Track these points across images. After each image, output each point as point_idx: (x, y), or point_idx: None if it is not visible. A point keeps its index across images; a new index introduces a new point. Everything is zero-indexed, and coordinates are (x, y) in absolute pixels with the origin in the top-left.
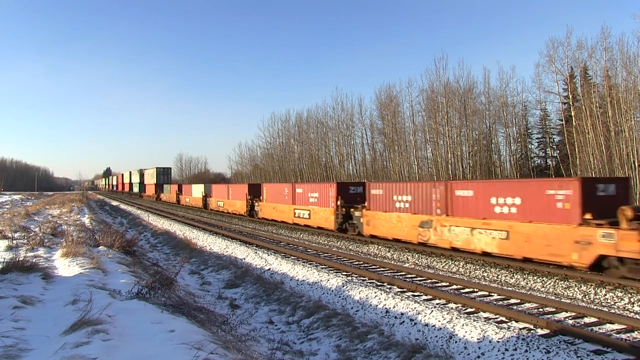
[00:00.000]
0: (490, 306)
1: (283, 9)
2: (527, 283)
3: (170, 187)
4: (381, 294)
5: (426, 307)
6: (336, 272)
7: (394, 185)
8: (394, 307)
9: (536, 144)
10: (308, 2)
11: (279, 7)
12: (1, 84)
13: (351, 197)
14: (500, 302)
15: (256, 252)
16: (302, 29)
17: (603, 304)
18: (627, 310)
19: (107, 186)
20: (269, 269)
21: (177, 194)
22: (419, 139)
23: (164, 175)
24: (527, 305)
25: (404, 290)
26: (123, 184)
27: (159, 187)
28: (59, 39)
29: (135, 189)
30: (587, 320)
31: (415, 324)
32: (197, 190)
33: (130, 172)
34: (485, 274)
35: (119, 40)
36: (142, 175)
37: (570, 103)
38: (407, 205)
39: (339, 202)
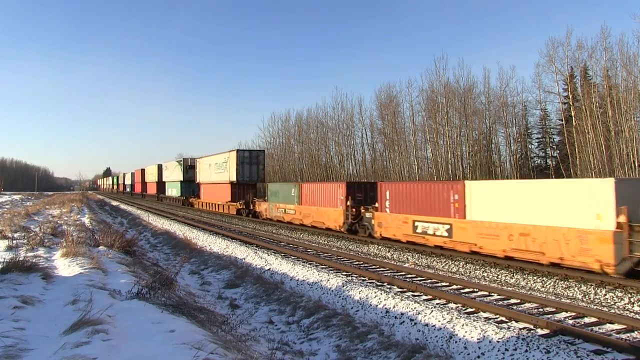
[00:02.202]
0: (490, 306)
1: (283, 10)
2: (527, 283)
3: (318, 188)
4: (381, 294)
5: (426, 307)
6: (336, 272)
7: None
8: (394, 307)
9: (536, 144)
10: (308, 2)
11: (279, 7)
12: (3, 83)
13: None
14: (500, 302)
15: (256, 252)
16: (303, 29)
17: (603, 304)
18: (627, 310)
19: (114, 187)
20: (269, 269)
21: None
22: (419, 139)
23: (250, 164)
24: (527, 305)
25: (404, 290)
26: (144, 183)
27: (244, 188)
28: (63, 39)
29: (173, 192)
30: (587, 320)
31: (415, 324)
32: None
33: (159, 166)
34: (485, 274)
35: (122, 41)
36: (187, 168)
37: (570, 103)
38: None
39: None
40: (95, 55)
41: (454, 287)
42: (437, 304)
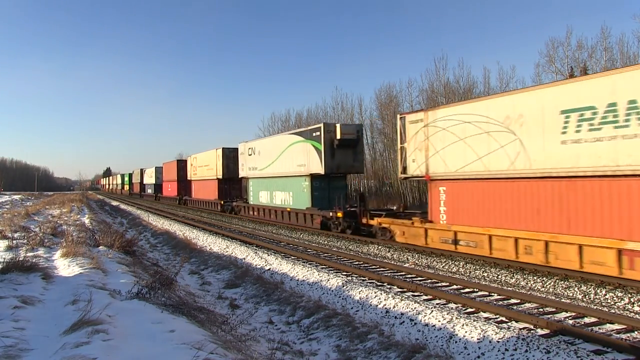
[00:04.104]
0: (490, 306)
1: (283, 9)
2: (527, 283)
3: None
4: (381, 294)
5: (426, 307)
6: (336, 272)
7: None
8: (394, 307)
9: None
10: (308, 2)
11: (279, 6)
12: (3, 83)
13: None
14: (500, 302)
15: (256, 252)
16: (303, 29)
17: (603, 304)
18: (627, 310)
19: (124, 187)
20: (269, 269)
21: None
22: None
23: None
24: (527, 305)
25: (404, 290)
26: (183, 182)
27: None
28: (63, 39)
29: (282, 199)
30: (587, 320)
31: (415, 324)
32: None
33: (227, 152)
34: (485, 274)
35: (122, 42)
36: (335, 144)
37: None
38: None
39: None
40: (95, 56)
41: (454, 287)
42: (437, 304)
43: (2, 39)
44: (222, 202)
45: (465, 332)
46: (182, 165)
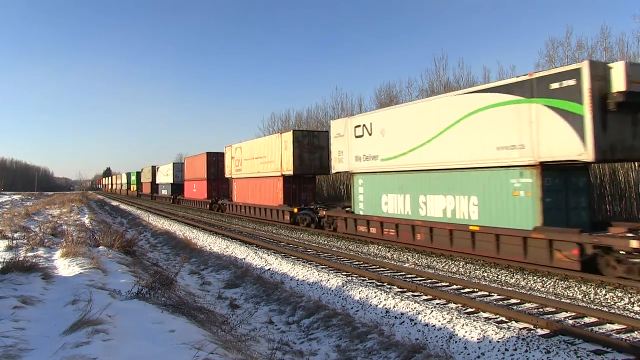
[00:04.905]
0: (490, 306)
1: (283, 11)
2: (527, 283)
3: None
4: (381, 294)
5: (426, 307)
6: (336, 272)
7: None
8: (394, 307)
9: None
10: (308, 3)
11: (279, 8)
12: (4, 83)
13: None
14: (500, 302)
15: (256, 252)
16: (302, 29)
17: (603, 304)
18: (627, 310)
19: (130, 187)
20: (269, 269)
21: None
22: None
23: None
24: (527, 305)
25: (404, 290)
26: (217, 181)
27: None
28: (63, 40)
29: None
30: (587, 320)
31: (415, 324)
32: None
33: (293, 138)
34: (485, 274)
35: (122, 42)
36: None
37: None
38: None
39: None
40: (95, 56)
41: (454, 287)
42: (437, 304)
43: (1, 41)
44: (296, 210)
45: (465, 332)
46: (214, 159)
